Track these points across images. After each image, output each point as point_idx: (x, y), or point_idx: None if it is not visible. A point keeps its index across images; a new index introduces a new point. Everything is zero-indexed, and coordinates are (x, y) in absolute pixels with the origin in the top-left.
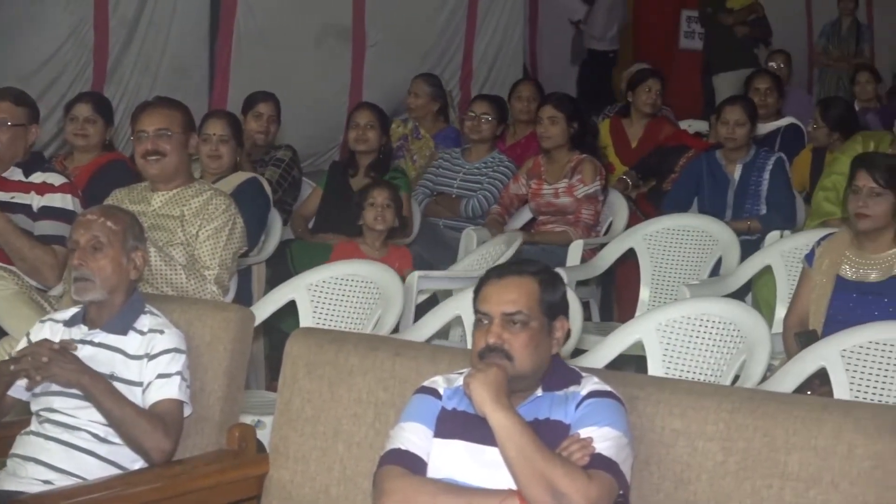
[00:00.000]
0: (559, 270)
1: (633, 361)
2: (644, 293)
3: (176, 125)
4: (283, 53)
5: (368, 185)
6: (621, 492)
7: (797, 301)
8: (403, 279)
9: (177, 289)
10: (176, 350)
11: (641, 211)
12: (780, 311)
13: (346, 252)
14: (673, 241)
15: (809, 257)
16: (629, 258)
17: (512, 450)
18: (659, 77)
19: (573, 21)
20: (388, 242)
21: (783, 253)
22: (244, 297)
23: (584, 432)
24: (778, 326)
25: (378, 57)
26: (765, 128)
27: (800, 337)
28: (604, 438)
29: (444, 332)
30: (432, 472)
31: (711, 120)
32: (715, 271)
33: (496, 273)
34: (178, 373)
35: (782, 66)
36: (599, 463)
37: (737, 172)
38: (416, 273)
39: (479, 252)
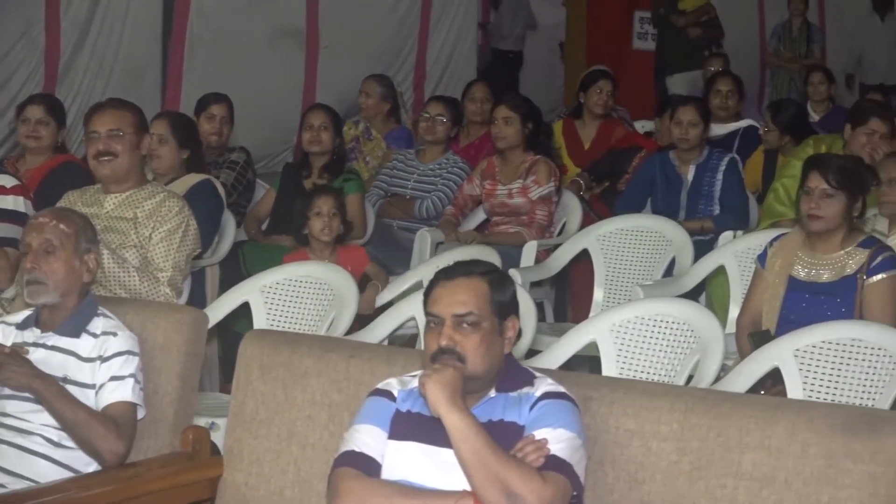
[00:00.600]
0: (513, 271)
1: (587, 362)
2: (598, 294)
3: (128, 126)
4: (236, 55)
5: (311, 194)
6: (575, 493)
7: (750, 301)
8: (361, 279)
9: (130, 291)
10: (129, 352)
11: (595, 212)
12: (734, 312)
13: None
14: (627, 241)
15: (762, 258)
16: (583, 259)
17: (466, 451)
18: (610, 78)
19: (480, 23)
20: (336, 248)
21: (736, 253)
22: (197, 299)
23: (538, 434)
24: (731, 326)
25: (331, 58)
26: (725, 128)
27: (753, 337)
28: (558, 440)
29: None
30: (387, 473)
31: (656, 122)
32: (669, 272)
33: (445, 275)
34: (132, 375)
35: (720, 69)
36: (554, 464)
37: (690, 173)
38: None
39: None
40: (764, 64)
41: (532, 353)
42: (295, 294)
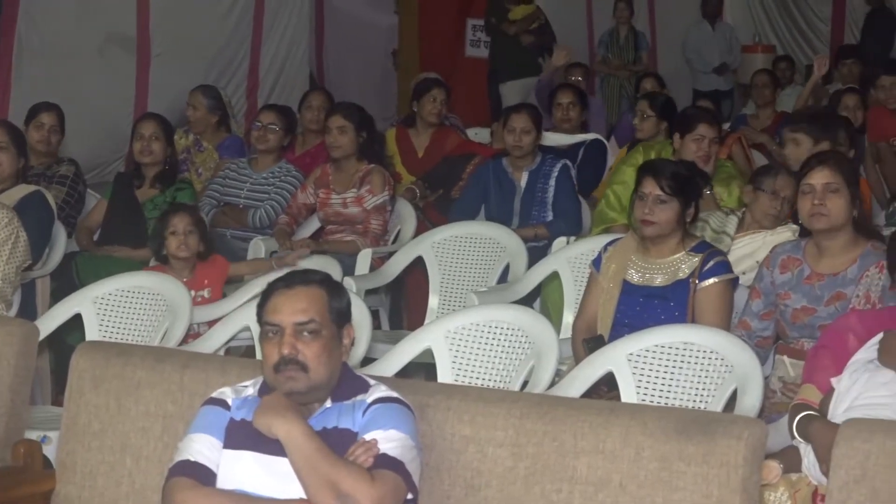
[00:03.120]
0: (348, 279)
1: (423, 369)
2: (433, 301)
3: None
4: (66, 64)
5: (167, 213)
6: (410, 496)
7: (585, 306)
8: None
9: None
10: None
11: (429, 220)
12: (568, 317)
13: None
14: (461, 248)
15: (597, 262)
16: (418, 266)
17: (299, 458)
18: (443, 86)
19: None
20: (195, 264)
21: (569, 259)
22: (28, 311)
23: (369, 436)
24: (566, 332)
25: (163, 67)
26: (571, 139)
27: (588, 342)
28: (389, 440)
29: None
30: (222, 483)
31: (493, 127)
32: (503, 278)
33: (283, 283)
34: None
35: (580, 78)
36: (385, 463)
37: (523, 180)
38: None
39: None
40: (593, 71)
41: (368, 360)
42: (127, 305)
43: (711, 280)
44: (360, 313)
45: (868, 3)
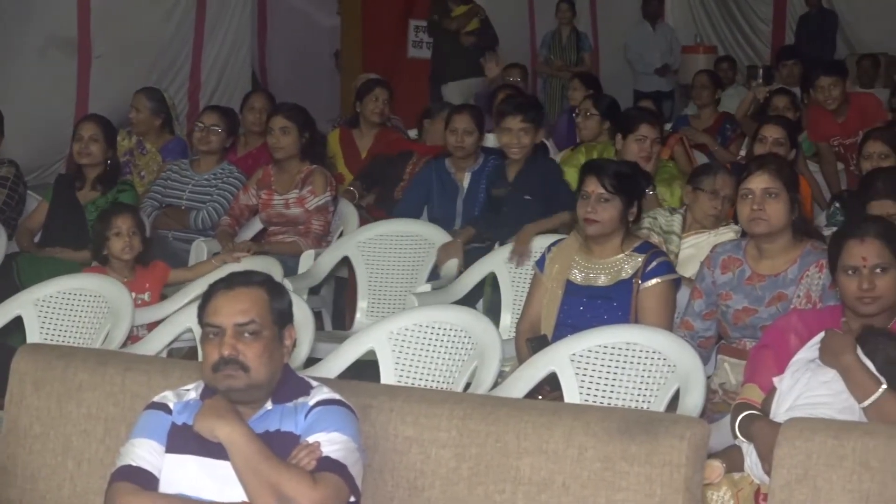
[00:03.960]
0: (284, 280)
1: (371, 367)
2: (362, 302)
3: None
4: (6, 65)
5: (108, 214)
6: (353, 499)
7: (529, 306)
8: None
9: None
10: None
11: (374, 219)
12: (506, 317)
13: None
14: (388, 247)
15: (540, 263)
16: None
17: (240, 461)
18: (386, 87)
19: None
20: (136, 267)
21: (507, 259)
22: None
23: (311, 439)
24: (506, 332)
25: (104, 68)
26: None
27: (531, 342)
28: (331, 443)
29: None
30: (165, 487)
31: (426, 124)
32: (434, 276)
33: (224, 284)
34: None
35: (519, 79)
36: (327, 465)
37: (466, 180)
38: None
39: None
40: (535, 72)
41: (311, 361)
42: (69, 307)
43: (654, 280)
44: (302, 314)
45: (807, 4)
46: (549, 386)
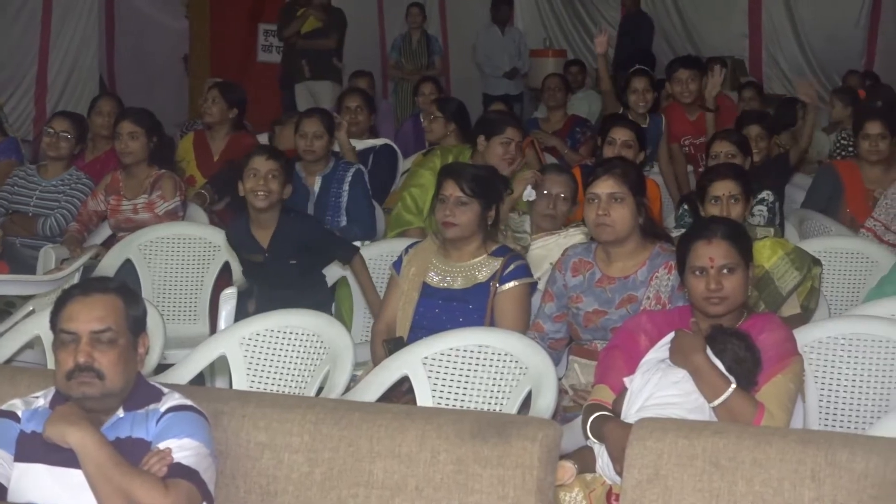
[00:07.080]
0: None
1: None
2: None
3: None
4: None
5: None
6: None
7: (386, 308)
8: None
9: None
10: None
11: (224, 223)
12: (357, 321)
13: None
14: (171, 250)
15: (397, 265)
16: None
17: (91, 467)
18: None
19: None
20: None
21: (367, 261)
22: None
23: (163, 445)
24: (358, 336)
25: None
26: (362, 144)
27: (387, 344)
28: (182, 449)
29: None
30: (13, 497)
31: (276, 130)
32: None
33: (80, 290)
34: None
35: (364, 87)
36: (178, 472)
37: (316, 185)
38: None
39: None
40: (386, 76)
41: (162, 367)
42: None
43: (511, 283)
44: (152, 321)
45: (622, 5)
46: (406, 388)
